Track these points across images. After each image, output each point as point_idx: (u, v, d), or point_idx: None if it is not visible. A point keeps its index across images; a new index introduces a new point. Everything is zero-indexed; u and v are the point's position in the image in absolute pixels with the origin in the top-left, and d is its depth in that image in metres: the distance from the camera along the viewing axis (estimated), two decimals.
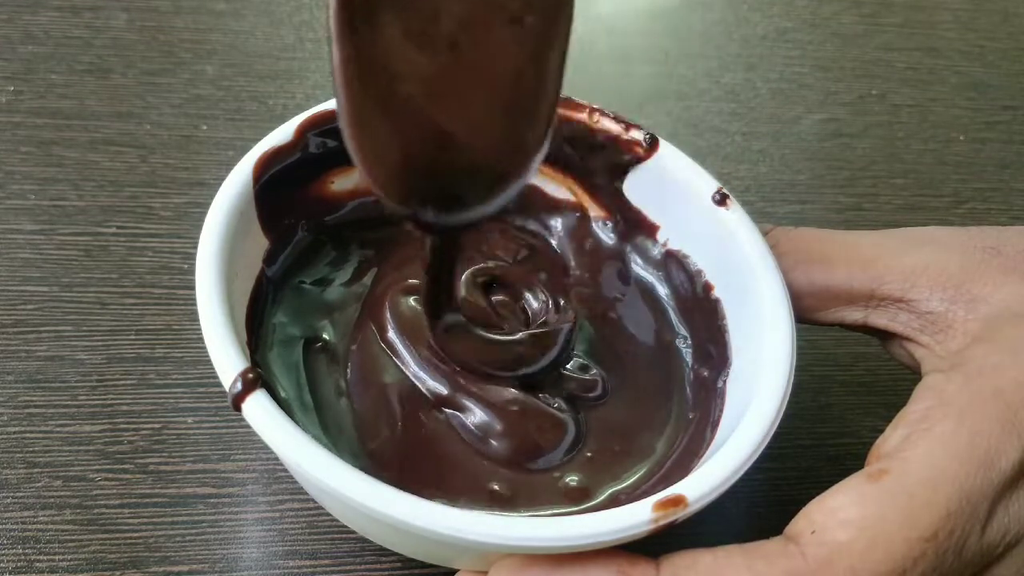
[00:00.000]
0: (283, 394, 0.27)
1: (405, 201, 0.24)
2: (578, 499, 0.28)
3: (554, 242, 0.35)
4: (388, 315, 0.30)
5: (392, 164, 0.23)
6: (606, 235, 0.35)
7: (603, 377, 0.31)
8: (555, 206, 0.36)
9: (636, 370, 0.32)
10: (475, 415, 0.28)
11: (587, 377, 0.31)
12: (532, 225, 0.36)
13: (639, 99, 0.52)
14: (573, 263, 0.35)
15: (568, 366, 0.31)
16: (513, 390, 0.29)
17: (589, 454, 0.29)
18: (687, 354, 0.32)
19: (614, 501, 0.27)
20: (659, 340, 0.33)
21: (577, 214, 0.35)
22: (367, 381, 0.29)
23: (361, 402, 0.29)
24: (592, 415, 0.30)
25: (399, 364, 0.29)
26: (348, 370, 0.29)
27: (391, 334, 0.30)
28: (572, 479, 0.28)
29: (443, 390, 0.29)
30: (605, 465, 0.29)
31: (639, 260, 0.34)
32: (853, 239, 0.30)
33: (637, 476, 0.29)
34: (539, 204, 0.36)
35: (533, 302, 0.32)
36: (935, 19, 0.61)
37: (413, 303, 0.30)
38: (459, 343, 0.29)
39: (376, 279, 0.32)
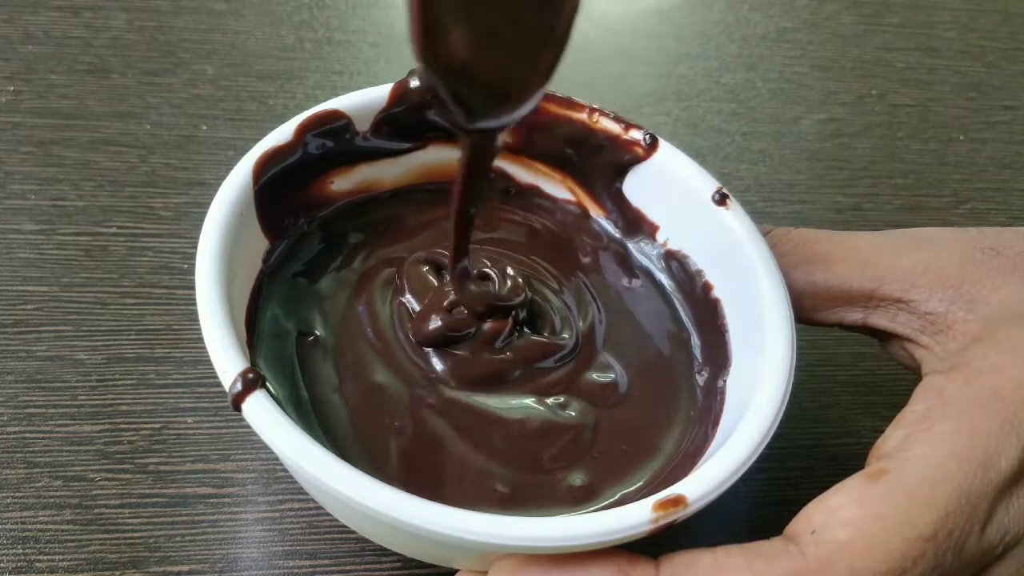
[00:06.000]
0: (274, 391, 0.27)
1: (439, 79, 0.23)
2: (582, 500, 0.27)
3: (559, 229, 0.36)
4: (367, 311, 0.30)
5: (445, 59, 0.23)
6: (609, 227, 0.35)
7: (622, 376, 0.31)
8: (555, 205, 0.36)
9: (649, 367, 0.31)
10: (478, 424, 0.28)
11: (606, 380, 0.30)
12: (536, 219, 0.36)
13: (639, 99, 0.52)
14: (578, 252, 0.35)
15: (593, 374, 0.30)
16: (519, 397, 0.29)
17: (596, 454, 0.28)
18: (696, 351, 0.32)
19: (621, 503, 0.27)
20: (670, 336, 0.33)
21: (578, 212, 0.35)
22: (359, 377, 0.29)
23: (355, 399, 0.28)
24: (604, 414, 0.29)
25: (388, 360, 0.29)
26: (340, 365, 0.29)
27: (374, 330, 0.30)
28: (577, 479, 0.28)
29: (438, 391, 0.29)
30: (612, 466, 0.28)
31: (640, 258, 0.34)
32: (853, 239, 0.30)
33: (644, 479, 0.28)
34: (540, 202, 0.36)
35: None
36: (935, 19, 0.61)
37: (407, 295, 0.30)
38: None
39: (365, 265, 0.32)
